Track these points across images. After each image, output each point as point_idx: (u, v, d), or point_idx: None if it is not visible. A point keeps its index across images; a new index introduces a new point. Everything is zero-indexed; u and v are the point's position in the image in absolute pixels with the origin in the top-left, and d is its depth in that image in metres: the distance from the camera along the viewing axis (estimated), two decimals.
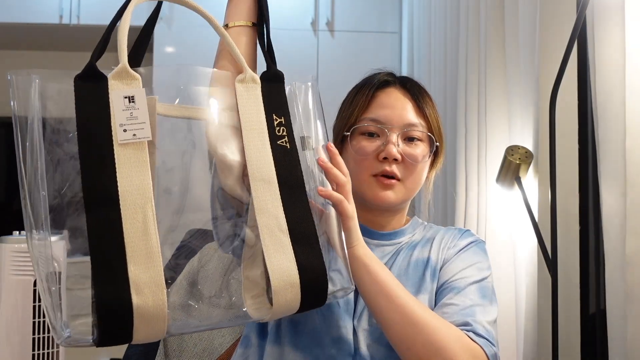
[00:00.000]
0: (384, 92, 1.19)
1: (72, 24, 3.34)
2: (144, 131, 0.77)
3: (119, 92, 0.78)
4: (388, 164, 1.14)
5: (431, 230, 1.26)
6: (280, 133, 0.90)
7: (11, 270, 0.93)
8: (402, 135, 1.15)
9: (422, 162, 1.17)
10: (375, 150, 1.14)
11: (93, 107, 0.77)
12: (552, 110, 1.43)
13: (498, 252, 1.90)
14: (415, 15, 3.00)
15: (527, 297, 1.63)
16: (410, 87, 1.20)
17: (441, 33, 2.47)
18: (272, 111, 0.90)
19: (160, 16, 3.65)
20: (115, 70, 0.79)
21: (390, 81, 1.20)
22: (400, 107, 1.17)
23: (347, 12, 3.39)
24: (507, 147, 1.65)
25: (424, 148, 1.17)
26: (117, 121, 0.77)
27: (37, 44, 3.80)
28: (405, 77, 1.24)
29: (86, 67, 0.79)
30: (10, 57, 3.92)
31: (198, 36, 3.34)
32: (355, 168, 1.15)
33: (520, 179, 1.62)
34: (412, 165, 1.15)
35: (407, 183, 1.17)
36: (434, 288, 1.14)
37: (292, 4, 3.37)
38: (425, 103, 1.19)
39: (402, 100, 1.18)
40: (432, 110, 1.20)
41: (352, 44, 3.34)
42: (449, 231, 1.25)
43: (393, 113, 1.16)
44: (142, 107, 0.78)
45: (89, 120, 0.76)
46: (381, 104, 1.17)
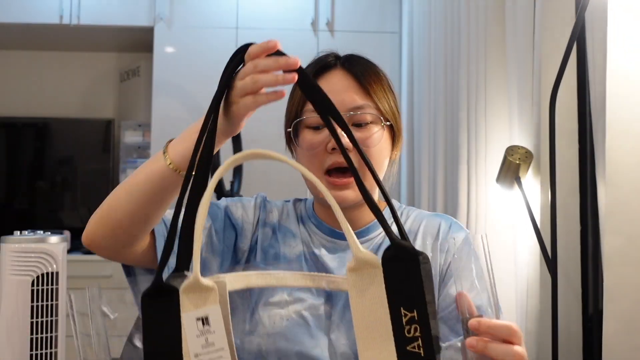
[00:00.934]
0: (324, 78, 1.08)
1: (72, 24, 3.34)
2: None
3: (191, 315, 0.68)
4: (338, 155, 1.01)
5: (409, 218, 1.15)
6: (412, 334, 0.68)
7: (11, 270, 0.93)
8: (348, 120, 1.03)
9: (377, 146, 1.06)
10: (322, 142, 1.04)
11: (163, 332, 0.68)
12: (552, 110, 1.43)
13: (498, 252, 1.90)
14: (415, 15, 3.00)
15: (527, 297, 1.63)
16: (352, 66, 1.08)
17: (441, 33, 2.47)
18: (400, 304, 0.68)
19: (160, 16, 3.62)
20: (187, 283, 0.68)
21: (331, 64, 1.09)
22: (341, 90, 1.05)
23: (347, 12, 3.39)
24: (507, 147, 1.65)
25: (377, 130, 1.06)
26: (192, 350, 0.67)
27: (37, 44, 3.79)
28: (349, 56, 1.12)
29: (153, 283, 0.70)
30: (10, 57, 3.92)
31: (198, 37, 3.34)
32: (306, 165, 1.05)
33: (520, 179, 1.62)
34: (367, 152, 1.01)
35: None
36: None
37: (292, 4, 3.37)
38: (371, 81, 1.07)
39: (344, 82, 1.07)
40: (380, 88, 1.08)
41: (352, 44, 3.32)
42: (431, 224, 1.13)
43: (334, 98, 0.96)
44: (218, 330, 0.68)
45: (158, 350, 0.68)
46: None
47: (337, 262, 1.09)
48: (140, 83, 3.75)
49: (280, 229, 1.15)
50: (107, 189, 3.73)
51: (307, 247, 1.12)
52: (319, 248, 1.11)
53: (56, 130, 3.79)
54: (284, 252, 1.11)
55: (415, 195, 2.89)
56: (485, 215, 1.97)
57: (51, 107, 3.89)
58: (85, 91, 3.97)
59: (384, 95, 1.07)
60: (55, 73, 3.93)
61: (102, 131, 3.79)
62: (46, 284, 0.95)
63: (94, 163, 3.78)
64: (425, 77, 2.71)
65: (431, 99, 2.61)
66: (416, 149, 2.89)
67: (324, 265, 1.09)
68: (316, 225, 1.14)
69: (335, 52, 1.13)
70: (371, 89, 1.06)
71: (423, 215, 1.15)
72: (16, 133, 3.77)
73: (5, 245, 0.93)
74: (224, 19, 3.35)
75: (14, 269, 0.92)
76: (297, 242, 1.13)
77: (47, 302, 0.95)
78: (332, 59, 1.10)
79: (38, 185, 3.76)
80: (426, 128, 2.68)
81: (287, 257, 1.11)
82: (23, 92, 3.90)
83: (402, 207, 1.18)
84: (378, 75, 1.09)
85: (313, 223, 1.14)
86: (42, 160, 3.79)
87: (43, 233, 0.97)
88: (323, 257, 1.10)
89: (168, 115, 3.31)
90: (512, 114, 1.77)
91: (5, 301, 0.92)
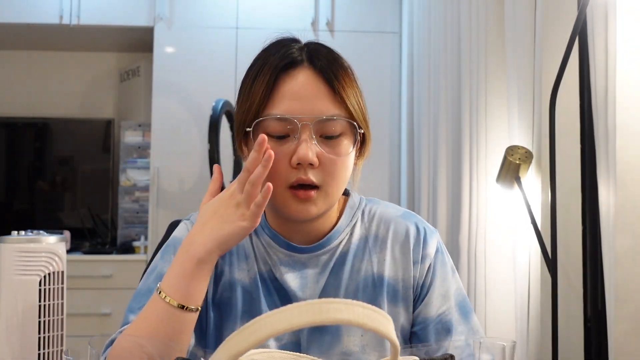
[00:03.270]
0: (289, 76, 0.94)
1: (72, 24, 3.34)
2: None
3: None
4: (303, 171, 0.93)
5: (375, 219, 1.06)
6: None
7: (17, 270, 0.93)
8: (316, 130, 0.93)
9: (345, 157, 0.96)
10: (286, 155, 0.93)
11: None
12: (552, 110, 1.43)
13: (498, 252, 1.90)
14: (415, 15, 3.00)
15: (527, 297, 1.63)
16: (322, 65, 0.95)
17: (441, 33, 2.47)
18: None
19: (160, 16, 3.64)
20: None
21: (297, 60, 0.95)
22: (311, 95, 0.94)
23: (347, 12, 3.39)
24: (507, 147, 1.65)
25: (346, 142, 0.96)
26: None
27: (37, 44, 3.79)
28: (315, 48, 0.98)
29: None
30: (10, 57, 3.92)
31: (198, 37, 3.34)
32: (267, 179, 0.92)
33: (520, 179, 1.62)
34: (332, 166, 0.94)
35: (329, 189, 0.95)
36: (399, 313, 1.01)
37: (292, 4, 3.37)
38: (344, 84, 0.95)
39: (313, 85, 0.94)
40: (352, 91, 0.96)
41: (352, 44, 3.34)
42: (399, 230, 1.04)
43: (302, 105, 0.93)
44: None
45: None
46: (286, 93, 0.94)
47: (298, 281, 1.01)
48: (140, 83, 3.75)
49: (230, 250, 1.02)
50: (107, 189, 3.73)
51: (264, 265, 1.03)
52: (278, 266, 1.02)
53: (56, 130, 3.79)
54: (240, 278, 1.02)
55: (415, 196, 2.89)
56: (486, 215, 1.97)
57: (51, 107, 3.89)
58: (85, 91, 3.97)
59: (355, 97, 0.97)
60: (55, 73, 3.93)
61: (102, 131, 3.79)
62: (50, 283, 0.95)
63: (94, 163, 3.78)
64: (425, 77, 2.71)
65: (431, 99, 2.61)
66: (416, 149, 2.89)
67: (285, 288, 1.01)
68: (271, 237, 1.03)
69: (298, 41, 0.99)
70: (344, 93, 0.95)
71: (389, 216, 1.06)
72: (16, 133, 3.77)
73: (10, 246, 0.93)
74: (224, 19, 3.34)
75: (21, 268, 0.92)
76: (251, 262, 1.03)
77: (53, 301, 0.95)
78: (297, 52, 0.97)
79: (38, 185, 3.76)
80: (426, 128, 2.68)
81: (243, 284, 1.02)
82: (23, 92, 3.90)
83: (364, 204, 1.08)
84: (347, 73, 0.98)
85: (267, 234, 1.04)
86: (42, 160, 3.79)
87: (39, 233, 0.97)
88: (284, 278, 1.01)
89: (168, 115, 3.31)
90: (512, 114, 1.77)
91: (11, 301, 0.92)
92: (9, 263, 0.93)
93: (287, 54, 0.96)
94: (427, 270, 1.03)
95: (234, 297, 1.01)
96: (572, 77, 1.52)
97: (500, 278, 1.88)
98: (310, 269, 1.02)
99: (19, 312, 0.92)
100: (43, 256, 0.94)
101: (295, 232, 1.02)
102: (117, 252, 3.41)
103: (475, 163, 2.06)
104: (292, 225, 1.01)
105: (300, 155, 0.91)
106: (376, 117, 3.34)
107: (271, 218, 1.05)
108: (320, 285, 1.01)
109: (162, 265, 1.01)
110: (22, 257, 0.93)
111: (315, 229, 1.02)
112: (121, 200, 3.57)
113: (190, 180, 3.32)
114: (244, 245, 1.04)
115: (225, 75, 3.22)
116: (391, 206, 1.09)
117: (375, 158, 3.54)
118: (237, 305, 1.01)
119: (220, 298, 1.02)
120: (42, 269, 0.93)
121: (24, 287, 0.93)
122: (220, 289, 1.02)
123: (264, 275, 1.02)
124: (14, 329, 0.92)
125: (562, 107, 1.49)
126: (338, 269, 1.02)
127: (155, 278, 1.00)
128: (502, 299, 1.87)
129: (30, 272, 0.93)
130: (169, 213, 3.26)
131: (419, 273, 1.03)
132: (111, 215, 3.70)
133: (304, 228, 1.01)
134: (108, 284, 3.29)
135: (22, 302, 0.93)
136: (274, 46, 0.99)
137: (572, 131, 1.52)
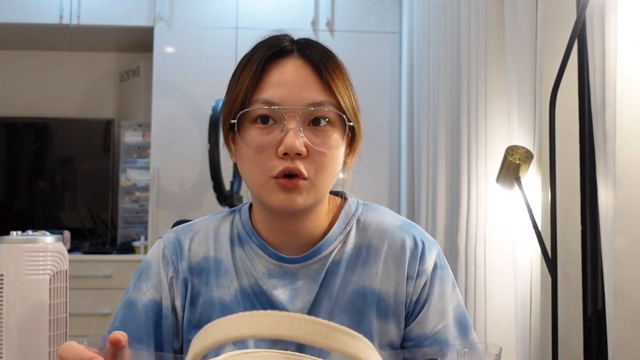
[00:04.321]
0: (278, 64, 0.92)
1: (72, 24, 3.34)
2: None
3: None
4: (290, 160, 0.88)
5: (370, 227, 1.01)
6: None
7: (28, 270, 0.94)
8: (304, 119, 0.90)
9: (334, 149, 0.91)
10: (271, 144, 0.89)
11: None
12: (552, 110, 1.43)
13: (498, 252, 1.90)
14: (415, 15, 3.00)
15: (527, 297, 1.63)
16: (312, 55, 0.93)
17: (441, 33, 2.47)
18: None
19: (160, 16, 3.64)
20: None
21: (286, 49, 0.93)
22: (299, 82, 0.91)
23: (347, 12, 3.39)
24: (507, 147, 1.65)
25: (335, 135, 0.92)
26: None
27: (37, 44, 3.79)
28: (306, 42, 0.96)
29: None
30: (10, 57, 3.92)
31: (198, 37, 3.34)
32: (251, 168, 0.92)
33: (520, 179, 1.62)
34: (321, 158, 0.90)
35: (317, 180, 0.91)
36: (389, 328, 0.97)
37: (292, 4, 3.37)
38: (333, 74, 0.92)
39: (302, 73, 0.91)
40: (342, 83, 0.93)
41: (352, 44, 3.34)
42: (395, 242, 0.99)
43: (291, 92, 0.90)
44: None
45: None
46: (274, 80, 0.91)
47: (288, 293, 0.96)
48: (140, 83, 3.75)
49: (208, 265, 1.00)
50: (107, 189, 3.73)
51: (247, 278, 0.98)
52: (265, 278, 0.97)
53: (56, 130, 3.79)
54: (219, 296, 0.98)
55: (415, 196, 2.89)
56: (486, 215, 1.97)
57: (51, 107, 3.89)
58: (85, 91, 3.97)
59: (345, 90, 0.93)
60: (55, 73, 3.93)
61: (102, 131, 3.79)
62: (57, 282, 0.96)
63: (94, 163, 3.78)
64: (424, 77, 2.71)
65: (431, 99, 2.61)
66: (416, 149, 2.89)
67: (273, 301, 0.96)
68: (259, 246, 0.98)
69: (290, 35, 0.97)
70: (333, 83, 0.91)
71: (386, 225, 1.01)
72: (16, 133, 3.77)
73: (21, 246, 0.94)
74: (224, 19, 3.35)
75: (32, 268, 0.93)
76: (231, 277, 0.98)
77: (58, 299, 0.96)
78: (288, 43, 0.94)
79: (38, 185, 3.76)
80: (426, 128, 2.68)
81: (222, 301, 0.97)
82: (23, 92, 3.90)
83: (360, 211, 1.03)
84: (339, 66, 0.95)
85: (255, 243, 0.99)
86: (42, 160, 3.79)
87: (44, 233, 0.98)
88: (272, 291, 0.96)
89: (168, 115, 3.31)
90: (512, 113, 1.77)
91: (24, 300, 0.93)
92: (19, 263, 0.93)
93: (277, 43, 0.94)
94: (423, 287, 0.98)
95: (214, 317, 0.94)
96: (572, 77, 1.52)
97: (500, 278, 1.88)
98: (300, 280, 0.96)
99: (31, 310, 0.93)
100: (50, 255, 0.95)
101: (284, 239, 0.97)
102: (117, 252, 3.41)
103: (475, 163, 2.06)
104: (280, 225, 0.96)
105: (287, 145, 0.87)
106: (376, 117, 3.35)
107: (259, 224, 0.99)
108: (311, 297, 0.96)
109: (134, 294, 1.01)
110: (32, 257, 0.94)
111: (305, 235, 0.97)
112: (121, 200, 3.57)
113: (190, 180, 3.32)
114: (222, 259, 0.99)
115: (225, 76, 3.18)
116: (389, 214, 1.04)
117: (375, 158, 3.54)
118: None
119: (200, 319, 0.98)
120: (51, 267, 0.94)
121: (36, 286, 0.93)
122: (200, 310, 0.98)
123: (246, 290, 0.97)
124: (26, 328, 0.93)
125: (562, 107, 1.49)
126: (329, 279, 0.97)
127: (123, 306, 1.01)
128: (502, 299, 1.87)
129: (41, 272, 0.94)
130: (169, 213, 3.27)
131: (414, 289, 0.98)
132: (111, 215, 3.70)
133: (294, 231, 0.96)
134: (108, 284, 3.29)
135: (35, 300, 0.93)
136: (264, 40, 0.97)
137: (572, 131, 1.52)
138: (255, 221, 1.00)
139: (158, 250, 1.03)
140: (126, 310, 0.99)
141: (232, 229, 1.02)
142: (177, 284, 0.99)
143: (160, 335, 0.99)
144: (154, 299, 0.99)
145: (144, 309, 0.98)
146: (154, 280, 1.00)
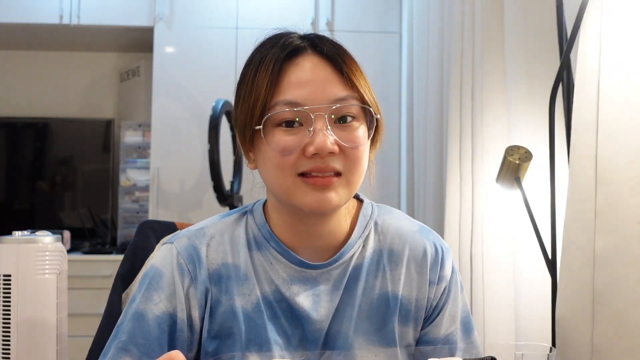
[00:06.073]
0: (294, 63, 0.89)
1: (72, 24, 3.34)
2: None
3: None
4: (320, 160, 0.85)
5: (389, 231, 0.99)
6: None
7: (37, 270, 0.94)
8: (330, 117, 0.87)
9: (364, 144, 0.89)
10: (298, 145, 0.86)
11: None
12: (551, 110, 1.43)
13: (498, 252, 1.90)
14: (415, 15, 3.00)
15: (527, 297, 1.63)
16: (328, 50, 0.90)
17: (441, 33, 2.47)
18: None
19: (160, 16, 3.63)
20: None
21: (299, 47, 0.90)
22: (320, 80, 0.88)
23: (347, 12, 3.40)
24: (507, 147, 1.65)
25: (361, 127, 0.90)
26: None
27: (37, 44, 3.80)
28: (316, 37, 0.93)
29: None
30: (10, 57, 3.92)
31: (198, 37, 3.34)
32: (275, 171, 0.87)
33: (520, 179, 1.62)
34: (354, 153, 0.87)
35: (351, 176, 0.88)
36: (408, 332, 0.97)
37: (292, 4, 3.37)
38: (352, 68, 0.91)
39: (321, 70, 0.88)
40: (361, 76, 0.91)
41: (352, 44, 3.31)
42: (416, 247, 0.98)
43: (313, 90, 0.86)
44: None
45: None
46: (293, 80, 0.87)
47: (311, 300, 0.93)
48: (140, 83, 3.75)
49: (226, 273, 0.94)
50: (107, 189, 3.73)
51: (268, 285, 0.94)
52: (287, 283, 0.93)
53: (56, 130, 3.79)
54: (240, 304, 0.93)
55: (415, 196, 2.90)
56: (485, 215, 1.97)
57: (51, 107, 3.89)
58: (85, 91, 3.97)
59: (365, 82, 0.91)
60: (55, 73, 3.93)
61: (102, 131, 3.80)
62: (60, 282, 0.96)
63: (94, 163, 3.78)
64: (424, 77, 2.71)
65: (431, 98, 2.61)
66: (416, 149, 2.89)
67: (296, 309, 0.93)
68: (279, 251, 0.94)
69: (296, 32, 0.94)
70: (354, 77, 0.89)
71: (405, 230, 1.00)
72: (16, 133, 3.77)
73: (28, 246, 0.94)
74: (224, 19, 3.35)
75: (39, 267, 0.93)
76: (251, 284, 0.93)
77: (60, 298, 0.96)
78: (299, 40, 0.91)
79: (38, 185, 3.77)
80: (426, 128, 2.68)
81: (244, 310, 0.93)
82: (23, 92, 3.90)
83: (375, 213, 1.00)
84: (354, 59, 0.94)
85: (275, 249, 0.95)
86: (42, 160, 3.79)
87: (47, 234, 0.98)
88: (294, 298, 0.93)
89: (168, 115, 3.31)
90: (511, 114, 1.77)
91: (33, 300, 0.93)
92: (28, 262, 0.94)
93: (288, 43, 0.90)
94: (443, 292, 0.99)
95: (236, 326, 0.93)
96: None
97: (500, 278, 1.88)
98: (322, 285, 0.93)
99: (39, 309, 0.93)
100: (55, 255, 0.95)
101: (306, 243, 0.94)
102: (117, 252, 3.41)
103: (475, 163, 2.06)
104: (303, 227, 0.93)
105: (318, 145, 0.84)
106: None
107: (279, 228, 0.95)
108: (335, 304, 0.93)
109: (144, 305, 0.93)
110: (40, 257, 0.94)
111: (328, 237, 0.94)
112: (121, 200, 3.57)
113: (190, 180, 3.32)
114: (241, 265, 0.94)
115: (225, 75, 3.22)
116: (404, 218, 1.03)
117: (375, 158, 3.52)
118: (240, 334, 0.92)
119: (220, 329, 0.94)
120: (57, 267, 0.95)
121: (45, 285, 0.94)
122: (220, 320, 0.94)
123: (268, 297, 0.93)
124: (35, 326, 0.93)
125: (562, 107, 1.49)
126: (352, 285, 0.94)
127: (131, 318, 0.92)
128: (502, 300, 1.87)
129: (48, 271, 0.94)
130: (169, 213, 3.27)
131: (434, 294, 0.98)
132: (111, 215, 3.70)
133: (317, 233, 0.93)
134: (108, 284, 3.27)
135: (43, 299, 0.94)
136: (270, 40, 0.93)
137: None
138: (273, 225, 0.96)
139: (170, 257, 0.95)
140: (135, 323, 0.91)
141: (247, 232, 0.97)
142: (196, 294, 0.93)
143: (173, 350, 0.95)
144: (168, 311, 0.92)
145: (157, 322, 0.91)
146: (167, 290, 0.93)
